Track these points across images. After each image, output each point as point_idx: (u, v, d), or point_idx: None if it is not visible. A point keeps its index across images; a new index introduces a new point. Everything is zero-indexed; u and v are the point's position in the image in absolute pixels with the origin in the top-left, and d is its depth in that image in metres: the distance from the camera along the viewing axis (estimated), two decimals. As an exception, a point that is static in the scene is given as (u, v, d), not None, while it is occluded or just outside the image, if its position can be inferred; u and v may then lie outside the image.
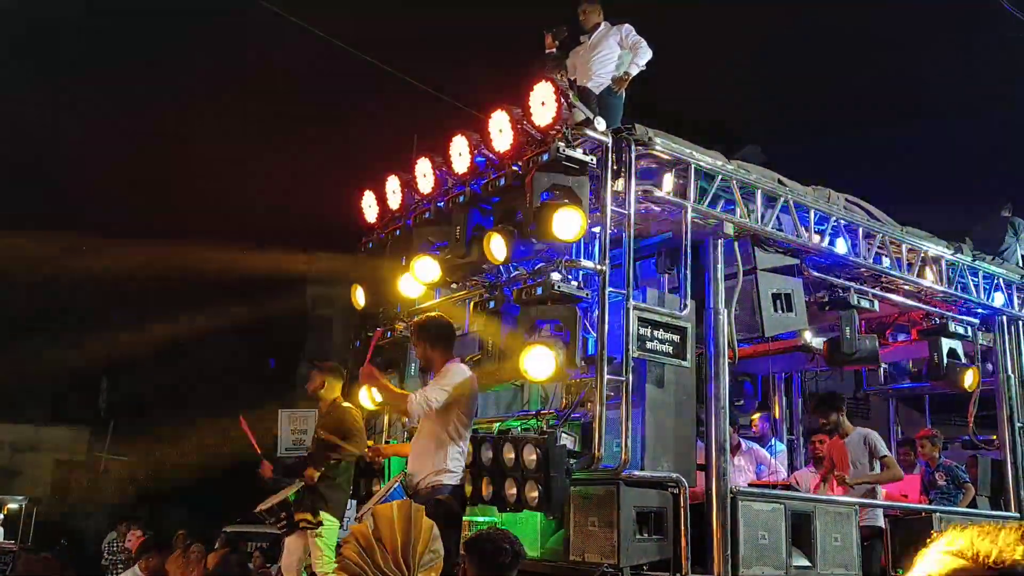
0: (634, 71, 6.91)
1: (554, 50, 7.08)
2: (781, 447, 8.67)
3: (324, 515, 5.77)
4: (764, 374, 8.31)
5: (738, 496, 5.34)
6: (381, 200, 6.76)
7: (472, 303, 5.97)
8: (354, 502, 6.71)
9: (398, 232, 6.60)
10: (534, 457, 4.71)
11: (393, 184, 6.63)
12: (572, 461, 4.86)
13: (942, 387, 7.57)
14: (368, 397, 6.55)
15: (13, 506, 17.89)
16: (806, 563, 5.57)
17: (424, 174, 6.25)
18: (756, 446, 8.32)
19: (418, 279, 5.97)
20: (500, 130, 5.48)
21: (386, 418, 6.92)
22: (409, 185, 6.48)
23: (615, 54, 6.98)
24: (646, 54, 6.90)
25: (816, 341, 7.19)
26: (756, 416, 8.73)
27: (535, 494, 4.68)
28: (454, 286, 6.46)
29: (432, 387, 4.90)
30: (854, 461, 6.98)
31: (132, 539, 13.45)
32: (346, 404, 6.28)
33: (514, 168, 5.44)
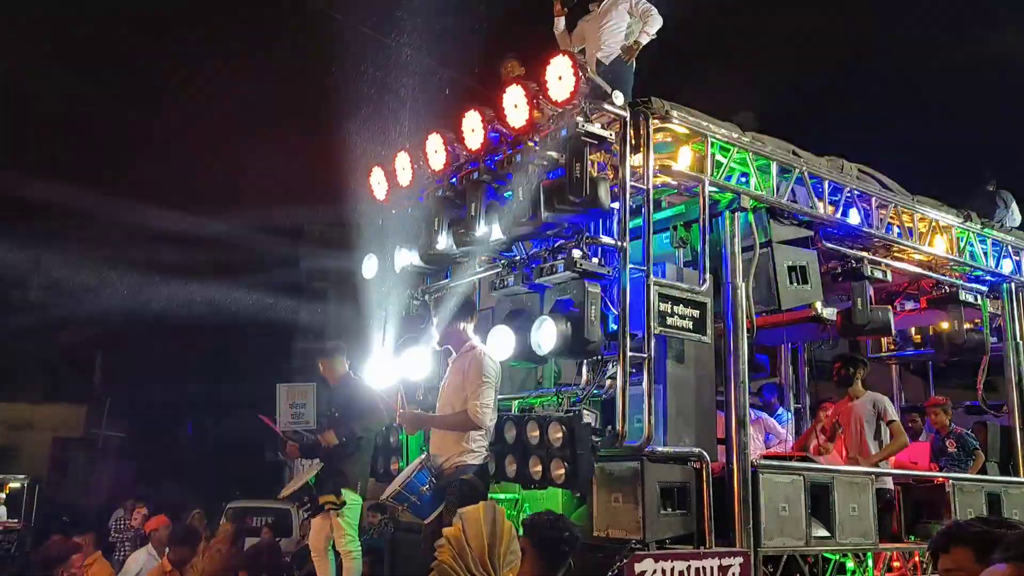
0: (644, 40, 6.82)
1: (563, 18, 6.99)
2: (788, 416, 8.74)
3: (347, 493, 5.77)
4: (773, 345, 8.34)
5: (759, 469, 5.37)
6: (390, 176, 6.68)
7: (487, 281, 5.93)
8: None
9: (409, 210, 6.54)
10: (560, 435, 4.71)
11: (403, 160, 6.56)
12: (596, 439, 4.86)
13: (946, 354, 7.60)
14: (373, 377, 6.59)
15: (15, 485, 17.85)
16: (825, 533, 5.62)
17: (435, 150, 6.17)
18: (764, 415, 8.38)
19: (433, 255, 5.93)
20: (515, 105, 5.40)
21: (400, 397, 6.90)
22: (419, 161, 6.41)
23: (624, 23, 6.89)
24: (656, 22, 6.81)
25: (828, 312, 7.19)
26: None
27: (561, 471, 4.68)
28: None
29: (476, 390, 4.94)
30: (861, 424, 7.03)
31: (138, 517, 13.49)
32: (355, 381, 6.28)
33: (530, 143, 5.38)
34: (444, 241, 5.92)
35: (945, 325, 7.29)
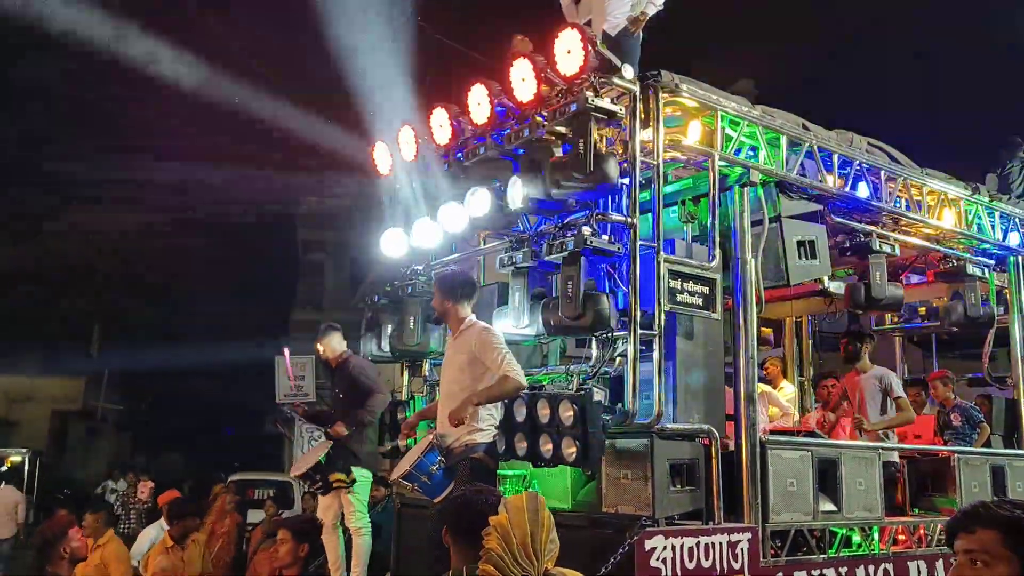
0: (651, 10, 6.66)
1: (571, -10, 6.84)
2: (792, 390, 8.75)
3: (357, 471, 5.78)
4: (779, 319, 8.32)
5: (767, 445, 5.37)
6: (394, 150, 6.60)
7: (496, 258, 5.87)
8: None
9: (414, 184, 6.47)
10: (570, 413, 4.70)
11: (407, 135, 6.47)
12: (607, 416, 4.84)
13: (954, 327, 7.58)
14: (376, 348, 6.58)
15: (16, 458, 17.93)
16: (832, 508, 5.64)
17: (440, 124, 6.09)
18: (768, 388, 8.38)
19: (443, 228, 5.88)
20: (523, 79, 5.31)
21: (405, 375, 6.89)
22: (424, 136, 6.33)
23: (631, -8, 6.75)
24: (663, -9, 6.68)
25: (834, 286, 7.16)
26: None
27: (572, 450, 4.67)
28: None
29: (499, 359, 4.91)
30: (867, 398, 7.06)
31: (144, 490, 13.56)
32: (355, 359, 6.26)
33: (538, 118, 5.31)
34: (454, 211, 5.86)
35: (952, 298, 7.26)
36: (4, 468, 17.71)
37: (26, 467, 17.93)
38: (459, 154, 6.01)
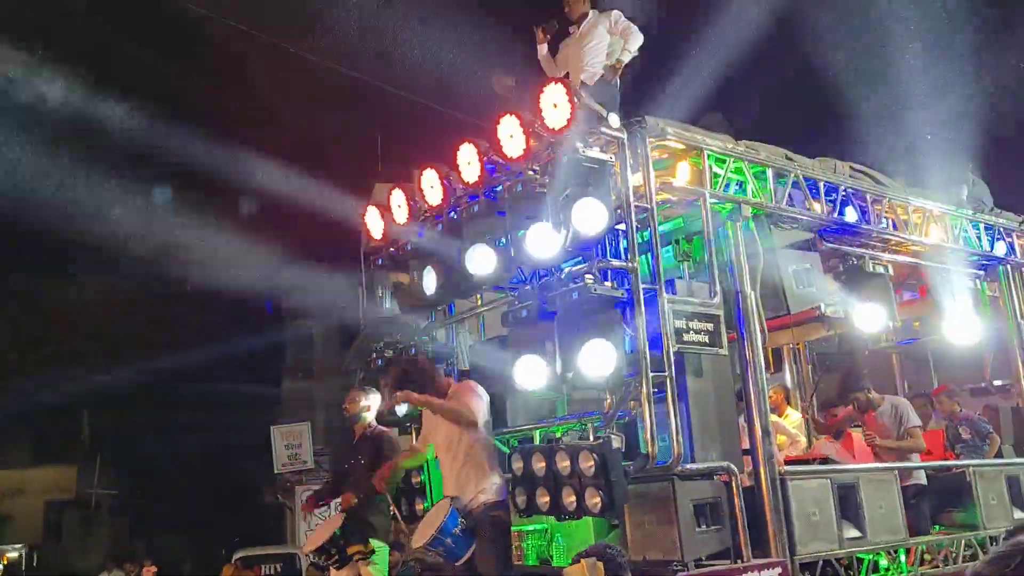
0: (626, 58, 6.82)
1: (546, 44, 6.99)
2: (797, 416, 8.75)
3: (374, 542, 5.69)
4: (776, 347, 8.37)
5: (786, 476, 5.36)
6: (386, 215, 6.65)
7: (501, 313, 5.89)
8: None
9: (408, 247, 6.51)
10: (591, 464, 4.67)
11: (398, 198, 6.52)
12: (627, 463, 4.83)
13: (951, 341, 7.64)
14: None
15: (13, 555, 17.50)
16: (857, 533, 5.62)
17: (431, 185, 6.15)
18: (774, 417, 8.37)
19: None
20: (511, 135, 5.40)
21: (413, 436, 6.83)
22: (415, 198, 6.39)
23: (605, 42, 6.88)
24: (637, 39, 6.82)
25: (831, 310, 7.22)
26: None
27: (596, 500, 4.64)
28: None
29: (468, 398, 5.03)
30: (888, 431, 7.09)
31: (148, 575, 13.26)
32: (380, 428, 6.20)
33: (531, 172, 5.37)
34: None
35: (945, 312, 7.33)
36: (1, 565, 17.27)
37: (23, 563, 17.49)
38: (452, 212, 6.06)
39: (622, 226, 5.21)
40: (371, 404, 6.23)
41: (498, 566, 4.88)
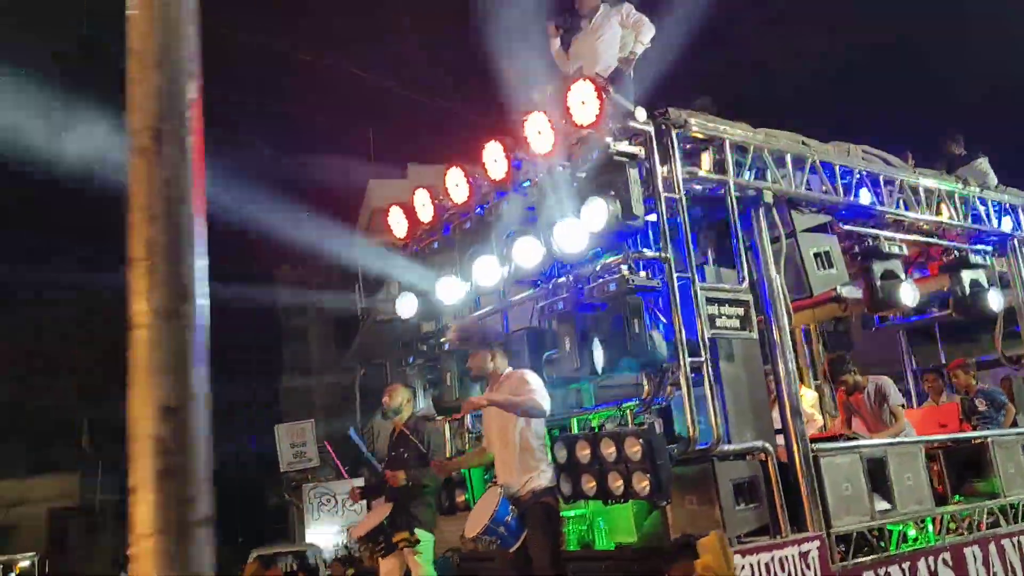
0: (639, 49, 6.94)
1: (558, 38, 7.09)
2: (812, 395, 8.93)
3: (420, 532, 5.82)
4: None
5: (819, 454, 5.53)
6: (410, 214, 6.74)
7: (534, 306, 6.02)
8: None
9: (435, 244, 6.62)
10: (637, 449, 4.82)
11: (422, 197, 6.63)
12: (670, 446, 4.98)
13: (964, 316, 7.84)
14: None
15: (25, 564, 17.53)
16: (887, 506, 5.80)
17: (456, 184, 6.26)
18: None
19: (475, 283, 6.02)
20: (539, 132, 5.51)
21: (447, 431, 6.95)
22: (440, 196, 6.49)
23: (618, 35, 6.99)
24: (649, 31, 6.94)
25: (847, 290, 7.40)
26: None
27: (645, 484, 4.78)
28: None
29: (529, 389, 5.09)
30: (873, 412, 7.35)
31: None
32: (421, 421, 6.32)
33: (560, 167, 5.49)
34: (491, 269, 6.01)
35: (957, 288, 7.53)
36: (14, 575, 17.31)
37: (36, 572, 17.53)
38: (480, 210, 6.18)
39: (653, 217, 5.34)
40: (411, 397, 6.34)
41: (551, 551, 5.01)
